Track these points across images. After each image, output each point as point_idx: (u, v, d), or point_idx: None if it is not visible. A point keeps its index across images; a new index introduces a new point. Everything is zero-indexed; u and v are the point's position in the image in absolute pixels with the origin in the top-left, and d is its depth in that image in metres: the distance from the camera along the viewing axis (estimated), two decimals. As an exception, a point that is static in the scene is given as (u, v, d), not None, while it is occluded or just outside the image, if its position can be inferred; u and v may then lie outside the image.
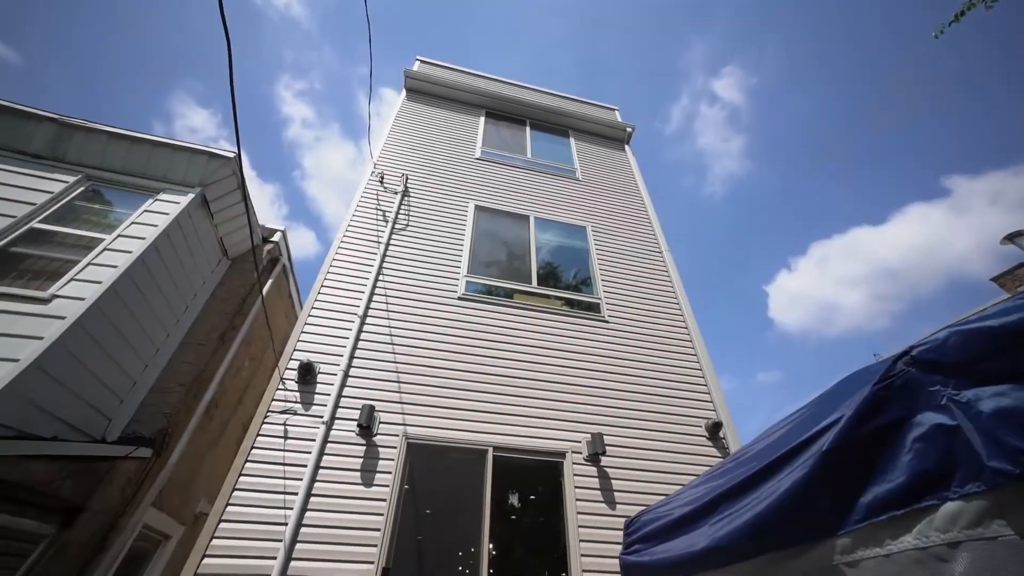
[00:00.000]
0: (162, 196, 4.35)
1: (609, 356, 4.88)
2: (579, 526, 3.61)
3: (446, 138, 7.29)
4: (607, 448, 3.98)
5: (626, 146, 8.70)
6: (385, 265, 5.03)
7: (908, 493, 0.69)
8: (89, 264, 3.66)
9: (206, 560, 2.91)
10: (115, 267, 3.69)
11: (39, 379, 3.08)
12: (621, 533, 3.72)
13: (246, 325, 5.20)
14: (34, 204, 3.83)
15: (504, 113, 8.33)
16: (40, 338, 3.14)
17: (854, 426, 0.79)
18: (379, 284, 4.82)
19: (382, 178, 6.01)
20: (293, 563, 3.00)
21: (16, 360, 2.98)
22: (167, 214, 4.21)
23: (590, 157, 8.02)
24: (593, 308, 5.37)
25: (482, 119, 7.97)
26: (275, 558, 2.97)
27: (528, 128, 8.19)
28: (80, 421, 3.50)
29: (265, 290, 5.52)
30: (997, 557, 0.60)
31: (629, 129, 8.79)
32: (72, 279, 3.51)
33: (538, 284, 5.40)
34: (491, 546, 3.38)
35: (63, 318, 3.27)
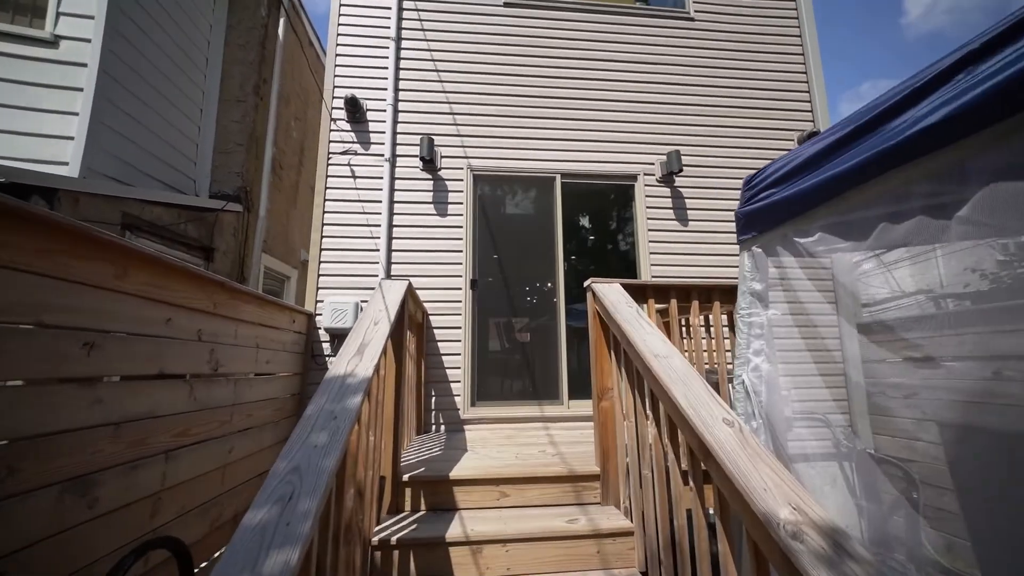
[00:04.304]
0: None
1: (692, 62, 4.05)
2: (649, 241, 3.71)
3: None
4: (683, 168, 3.70)
5: None
6: (406, -32, 3.95)
7: None
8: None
9: (322, 279, 3.39)
10: (99, -6, 3.13)
11: (106, 133, 3.15)
12: (692, 246, 3.84)
13: (276, 76, 4.72)
14: None
15: None
16: (80, 88, 3.00)
17: None
18: (405, -4, 3.90)
19: None
20: (394, 278, 3.43)
21: (76, 113, 2.98)
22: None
23: None
24: (676, 2, 4.18)
25: None
26: (376, 276, 3.41)
27: None
28: (171, 180, 3.75)
29: (280, 26, 4.77)
30: None
31: None
32: (59, 13, 3.05)
33: (603, -25, 4.13)
34: (564, 266, 3.63)
35: (85, 64, 3.03)
